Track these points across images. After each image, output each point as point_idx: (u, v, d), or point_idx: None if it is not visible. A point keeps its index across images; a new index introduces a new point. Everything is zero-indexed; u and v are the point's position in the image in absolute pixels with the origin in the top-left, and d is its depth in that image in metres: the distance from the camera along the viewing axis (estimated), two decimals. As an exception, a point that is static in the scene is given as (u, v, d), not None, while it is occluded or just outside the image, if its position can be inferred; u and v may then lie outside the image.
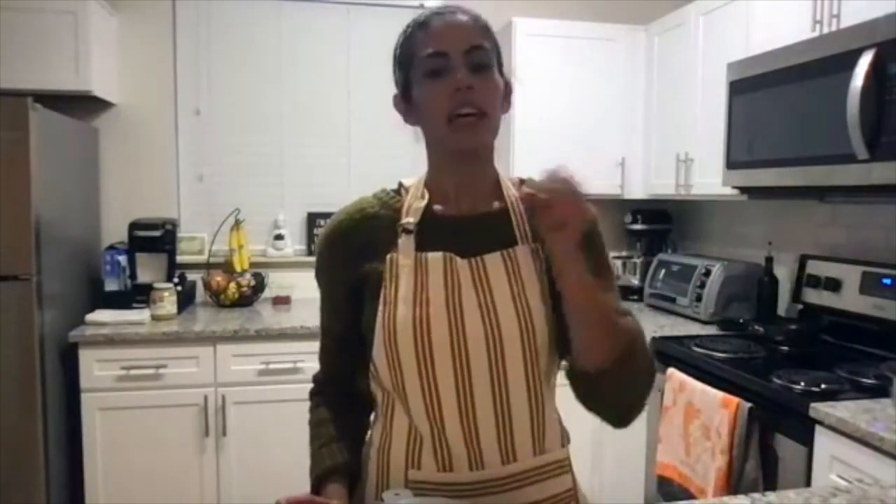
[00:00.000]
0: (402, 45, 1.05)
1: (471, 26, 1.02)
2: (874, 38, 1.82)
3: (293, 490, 0.95)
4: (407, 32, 1.05)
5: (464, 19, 1.02)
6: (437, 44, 1.00)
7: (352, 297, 1.05)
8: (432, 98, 1.00)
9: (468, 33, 1.01)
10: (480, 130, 1.00)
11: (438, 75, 0.99)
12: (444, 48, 0.99)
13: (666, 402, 2.28)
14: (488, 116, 1.00)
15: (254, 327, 2.69)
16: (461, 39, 1.00)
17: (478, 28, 1.03)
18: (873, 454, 1.56)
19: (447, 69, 0.99)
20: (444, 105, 0.98)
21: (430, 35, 1.01)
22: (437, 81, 0.99)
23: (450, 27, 1.01)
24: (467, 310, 0.99)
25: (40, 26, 2.68)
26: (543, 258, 1.02)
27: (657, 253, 3.35)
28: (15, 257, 2.39)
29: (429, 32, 1.01)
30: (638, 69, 3.26)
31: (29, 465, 2.42)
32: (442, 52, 0.99)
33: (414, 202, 1.06)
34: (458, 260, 1.01)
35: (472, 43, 1.00)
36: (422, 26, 1.03)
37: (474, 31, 1.02)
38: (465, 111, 0.98)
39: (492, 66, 1.01)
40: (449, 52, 0.99)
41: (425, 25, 1.02)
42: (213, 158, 3.28)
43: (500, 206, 1.07)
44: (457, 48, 0.99)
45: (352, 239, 1.06)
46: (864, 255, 2.39)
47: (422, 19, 1.03)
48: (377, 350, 1.01)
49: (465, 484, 0.98)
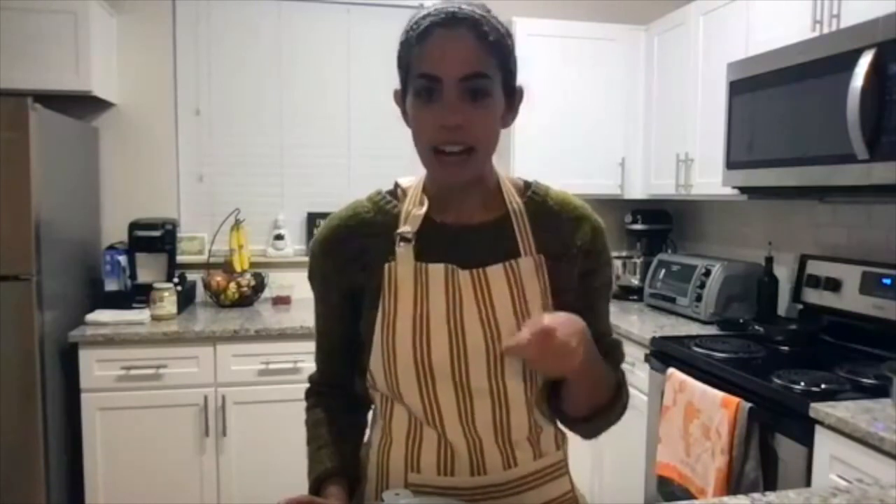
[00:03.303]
0: (401, 45, 0.97)
1: (472, 47, 0.91)
2: (874, 38, 1.82)
3: (293, 490, 0.95)
4: (407, 34, 0.95)
5: (467, 36, 0.91)
6: (431, 66, 0.91)
7: (347, 302, 1.04)
8: (419, 123, 0.94)
9: (468, 56, 0.91)
10: (467, 168, 0.94)
11: (428, 99, 0.92)
12: (437, 72, 0.90)
13: (666, 402, 2.28)
14: (477, 151, 0.93)
15: (254, 327, 2.69)
16: (458, 64, 0.90)
17: (482, 48, 0.91)
18: (873, 454, 1.56)
19: (438, 95, 0.91)
20: (429, 136, 0.93)
21: (426, 52, 0.91)
22: (425, 107, 0.92)
23: (448, 48, 0.90)
24: (468, 323, 0.96)
25: (40, 26, 2.68)
26: (546, 270, 1.00)
27: (657, 253, 3.35)
28: (15, 257, 2.39)
29: (425, 48, 0.92)
30: (638, 69, 3.26)
31: (29, 465, 2.42)
32: (434, 77, 0.91)
33: (413, 209, 1.01)
34: (459, 272, 0.97)
35: (470, 70, 0.90)
36: (420, 37, 0.92)
37: (475, 53, 0.91)
38: (451, 149, 0.92)
39: (490, 93, 0.93)
40: (442, 77, 0.90)
41: (424, 37, 0.92)
42: (213, 158, 3.28)
43: (500, 213, 1.02)
44: (452, 74, 0.90)
45: (347, 246, 1.02)
46: (864, 255, 2.39)
47: (422, 27, 0.92)
48: (374, 361, 0.99)
49: (466, 489, 0.98)
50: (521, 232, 1.01)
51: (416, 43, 0.93)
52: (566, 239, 1.03)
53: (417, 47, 0.92)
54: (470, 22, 0.91)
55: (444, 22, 0.91)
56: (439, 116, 0.91)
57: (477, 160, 0.95)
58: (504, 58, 0.95)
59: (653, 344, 2.52)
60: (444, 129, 0.91)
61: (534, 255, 1.00)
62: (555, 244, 1.02)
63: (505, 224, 1.02)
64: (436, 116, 0.92)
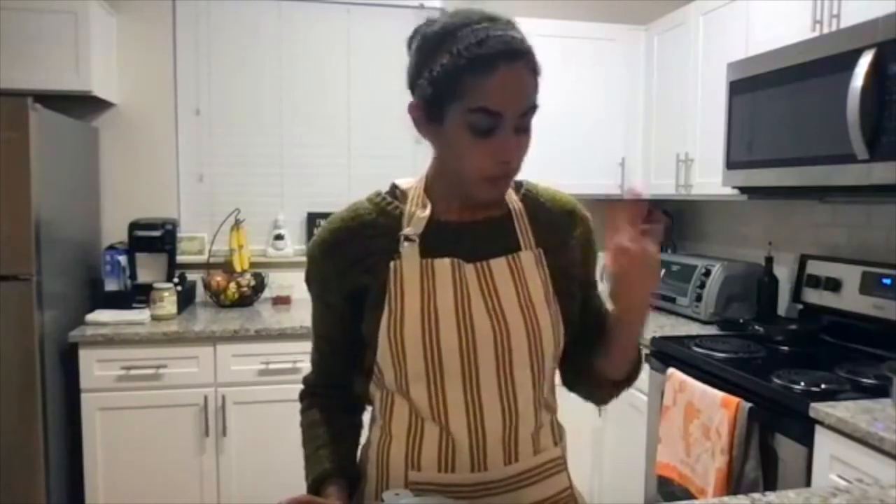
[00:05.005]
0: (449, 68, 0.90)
1: (531, 84, 0.92)
2: (874, 38, 1.82)
3: (293, 490, 0.95)
4: (458, 58, 0.89)
5: (525, 72, 0.91)
6: (497, 102, 0.89)
7: (347, 305, 1.03)
8: (473, 156, 0.93)
9: (529, 92, 0.92)
10: (507, 185, 1.00)
11: (486, 134, 0.91)
12: (502, 109, 0.90)
13: (666, 402, 2.28)
14: (516, 171, 0.98)
15: (254, 327, 2.69)
16: (521, 101, 0.91)
17: (535, 83, 0.93)
18: (873, 454, 1.56)
19: (497, 129, 0.91)
20: (485, 167, 0.93)
21: (490, 87, 0.89)
22: (481, 140, 0.92)
23: (513, 85, 0.90)
24: (476, 314, 0.98)
25: (40, 26, 2.68)
26: (545, 263, 1.03)
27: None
28: (15, 257, 2.39)
29: (489, 82, 0.88)
30: (638, 69, 3.26)
31: (29, 465, 2.42)
32: (498, 113, 0.90)
33: (416, 210, 1.02)
34: (465, 265, 1.00)
35: (528, 106, 0.93)
36: (486, 64, 0.88)
37: (533, 87, 0.93)
38: (504, 180, 0.97)
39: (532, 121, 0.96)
40: (505, 114, 0.90)
41: (487, 69, 0.88)
42: (213, 158, 3.28)
43: (501, 212, 1.05)
44: (514, 112, 0.91)
45: (349, 248, 1.02)
46: (864, 255, 2.39)
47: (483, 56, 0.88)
48: (382, 356, 0.99)
49: (466, 485, 0.98)
50: (520, 228, 1.05)
51: (475, 72, 0.89)
52: (563, 233, 1.08)
53: (480, 78, 0.89)
54: (526, 56, 0.92)
55: (507, 56, 0.89)
56: (499, 153, 0.93)
57: (511, 179, 0.99)
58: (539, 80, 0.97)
59: (653, 344, 2.52)
60: (499, 164, 0.93)
61: (534, 249, 1.04)
62: (553, 239, 1.06)
63: (505, 221, 1.05)
64: (495, 152, 0.92)
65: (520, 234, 1.04)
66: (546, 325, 1.00)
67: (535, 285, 1.01)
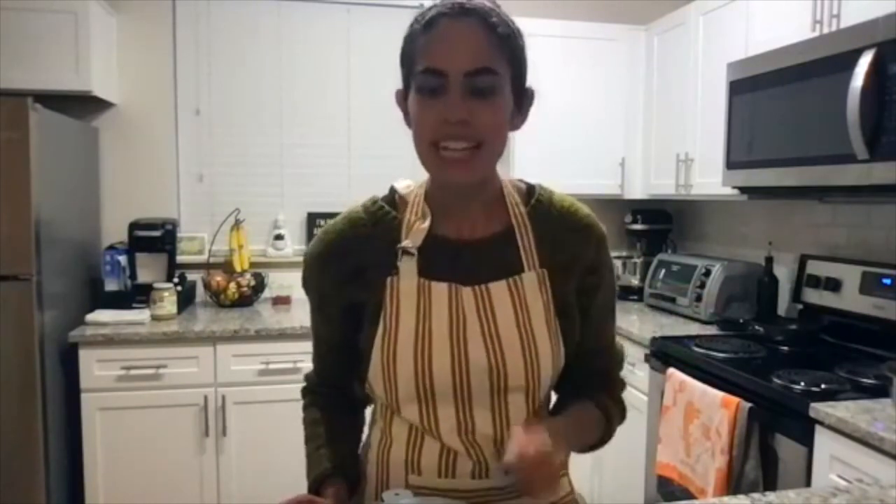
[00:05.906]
0: (404, 40, 0.92)
1: (480, 39, 0.86)
2: (874, 38, 1.82)
3: (293, 490, 0.95)
4: (413, 27, 0.91)
5: (475, 28, 0.86)
6: (436, 59, 0.86)
7: (346, 315, 1.01)
8: (420, 119, 0.89)
9: (476, 50, 0.86)
10: (474, 166, 0.89)
11: (432, 94, 0.87)
12: (442, 66, 0.86)
13: (666, 402, 2.28)
14: (483, 147, 0.88)
15: (254, 327, 2.69)
16: (465, 58, 0.85)
17: (491, 41, 0.87)
18: (873, 454, 1.56)
19: (442, 90, 0.86)
20: (430, 131, 0.88)
21: (431, 44, 0.87)
22: (428, 101, 0.87)
23: (455, 40, 0.86)
24: (471, 340, 0.95)
25: (40, 26, 2.68)
26: (549, 285, 0.98)
27: (657, 253, 3.34)
28: (15, 257, 2.39)
29: (430, 39, 0.87)
30: (638, 69, 3.26)
31: (29, 465, 2.42)
32: (439, 71, 0.86)
33: (415, 221, 0.98)
34: (462, 289, 0.95)
35: (478, 65, 0.86)
36: (426, 27, 0.88)
37: (484, 47, 0.86)
38: (454, 146, 0.87)
39: (498, 90, 0.88)
40: (448, 71, 0.85)
41: (429, 27, 0.87)
42: (213, 158, 3.28)
43: (503, 227, 0.99)
44: (458, 68, 0.85)
45: (344, 262, 0.99)
46: (864, 255, 2.39)
47: (428, 17, 0.88)
48: (374, 374, 0.98)
49: (466, 491, 0.97)
50: (524, 246, 0.99)
51: (420, 34, 0.88)
52: (573, 252, 1.00)
53: (422, 38, 0.88)
54: (479, 13, 0.87)
55: (451, 12, 0.87)
56: (442, 111, 0.86)
57: (483, 158, 0.90)
58: (514, 54, 0.91)
59: (653, 344, 2.52)
60: (447, 125, 0.86)
61: (537, 269, 0.98)
62: (559, 257, 1.00)
63: (508, 238, 0.99)
64: (439, 111, 0.87)
65: (523, 252, 0.98)
66: (545, 353, 0.96)
67: (537, 310, 0.97)
